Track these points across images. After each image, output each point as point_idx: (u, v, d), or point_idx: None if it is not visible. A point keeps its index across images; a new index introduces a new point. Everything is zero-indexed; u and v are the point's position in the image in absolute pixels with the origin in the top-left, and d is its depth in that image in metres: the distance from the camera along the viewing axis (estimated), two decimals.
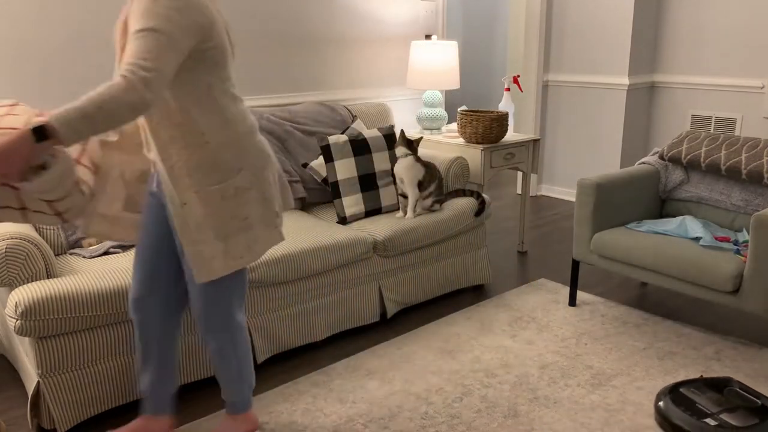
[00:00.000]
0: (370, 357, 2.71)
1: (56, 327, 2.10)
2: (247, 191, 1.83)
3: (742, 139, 3.04)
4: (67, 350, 2.16)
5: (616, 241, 2.92)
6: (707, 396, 2.23)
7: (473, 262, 3.34)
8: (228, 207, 1.81)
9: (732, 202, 3.03)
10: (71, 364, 2.18)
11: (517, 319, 3.05)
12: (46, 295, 2.08)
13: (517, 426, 2.25)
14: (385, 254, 2.93)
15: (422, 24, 4.24)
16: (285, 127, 3.30)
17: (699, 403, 2.20)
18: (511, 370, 2.60)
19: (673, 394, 2.26)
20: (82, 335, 2.19)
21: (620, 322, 3.01)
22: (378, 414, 2.32)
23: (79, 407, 2.21)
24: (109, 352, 2.25)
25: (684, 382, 2.32)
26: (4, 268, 2.10)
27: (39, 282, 2.15)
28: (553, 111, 5.18)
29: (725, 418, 2.11)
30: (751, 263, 2.53)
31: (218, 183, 1.79)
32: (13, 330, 2.06)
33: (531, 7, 5.00)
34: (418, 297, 3.14)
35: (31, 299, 2.05)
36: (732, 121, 4.52)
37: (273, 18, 3.52)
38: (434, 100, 3.91)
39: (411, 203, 3.07)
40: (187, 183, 1.78)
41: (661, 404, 2.24)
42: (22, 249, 2.13)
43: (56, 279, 2.18)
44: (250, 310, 2.55)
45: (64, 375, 2.17)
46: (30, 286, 2.12)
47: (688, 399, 2.22)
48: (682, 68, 4.74)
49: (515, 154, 3.72)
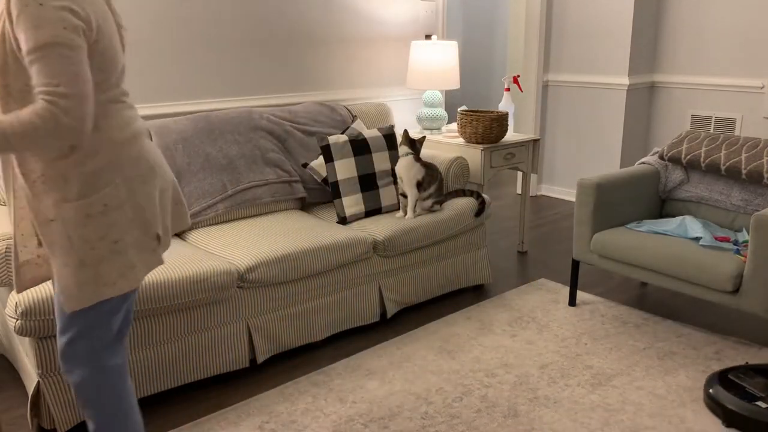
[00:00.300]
0: (370, 357, 2.71)
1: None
2: (118, 209, 1.58)
3: (742, 139, 3.04)
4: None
5: (616, 241, 2.92)
6: (755, 381, 2.32)
7: (473, 262, 3.34)
8: (95, 226, 1.56)
9: (732, 202, 3.03)
10: None
11: (517, 319, 3.05)
12: (46, 295, 2.07)
13: (517, 426, 2.25)
14: (385, 254, 2.93)
15: (422, 24, 4.24)
16: (285, 127, 3.30)
17: (748, 387, 2.29)
18: (511, 370, 2.60)
19: (722, 380, 2.34)
20: None
21: (620, 322, 3.01)
22: (378, 414, 2.32)
23: (79, 407, 2.21)
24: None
25: (730, 368, 2.41)
26: (3, 269, 2.10)
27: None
28: (553, 111, 5.18)
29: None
30: (751, 263, 2.53)
31: (82, 198, 1.54)
32: (13, 330, 2.06)
33: (531, 7, 5.00)
34: (418, 297, 3.14)
35: (31, 299, 2.05)
36: (732, 121, 4.52)
37: (273, 18, 3.52)
38: (434, 100, 3.91)
39: (411, 203, 3.07)
40: (49, 197, 1.54)
41: (711, 391, 2.32)
42: None
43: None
44: (249, 311, 2.56)
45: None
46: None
47: (737, 384, 2.31)
48: (682, 68, 4.74)
49: (515, 154, 3.72)
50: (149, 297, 2.24)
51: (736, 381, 2.33)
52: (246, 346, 2.56)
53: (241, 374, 2.61)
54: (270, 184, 3.12)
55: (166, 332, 2.36)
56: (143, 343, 2.31)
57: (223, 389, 2.50)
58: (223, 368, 2.51)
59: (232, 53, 3.41)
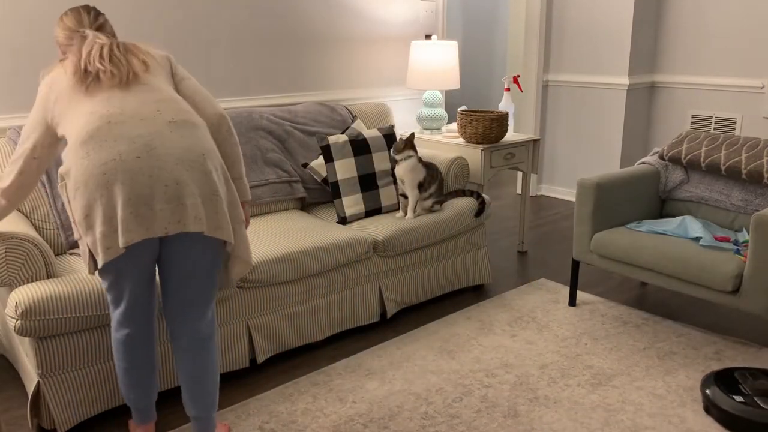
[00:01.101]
0: (370, 357, 2.71)
1: (56, 327, 2.10)
2: (74, 200, 1.80)
3: (742, 139, 3.04)
4: (67, 350, 2.16)
5: (616, 241, 2.92)
6: (757, 382, 2.33)
7: (473, 262, 3.34)
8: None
9: (732, 202, 3.03)
10: (71, 364, 2.18)
11: (517, 319, 3.05)
12: (46, 295, 2.07)
13: (517, 426, 2.25)
14: (385, 254, 2.93)
15: (422, 24, 4.24)
16: (285, 127, 3.30)
17: (742, 385, 2.31)
18: (511, 370, 2.60)
19: (721, 376, 2.37)
20: (82, 335, 2.18)
21: (620, 322, 3.01)
22: (378, 414, 2.32)
23: (79, 407, 2.21)
24: (109, 352, 2.25)
25: (741, 368, 2.44)
26: (4, 268, 2.10)
27: (39, 282, 2.14)
28: (553, 111, 5.18)
29: (757, 400, 2.23)
30: (751, 263, 2.53)
31: (61, 181, 1.85)
32: (13, 330, 2.06)
33: (531, 7, 5.00)
34: (418, 297, 3.14)
35: (31, 299, 2.05)
36: (732, 121, 4.52)
37: (273, 18, 3.52)
38: (434, 100, 3.91)
39: (411, 204, 3.07)
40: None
41: (708, 392, 2.34)
42: (22, 249, 2.12)
43: (56, 279, 2.18)
44: (249, 311, 2.56)
45: (65, 375, 2.17)
46: (30, 286, 2.11)
47: (735, 381, 2.34)
48: (682, 68, 4.74)
49: (515, 154, 3.72)
50: None
51: (737, 378, 2.34)
52: (246, 346, 2.56)
53: (241, 374, 2.61)
54: (270, 184, 3.12)
55: (162, 333, 2.35)
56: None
57: (223, 389, 2.50)
58: (224, 368, 2.51)
59: (232, 53, 3.41)
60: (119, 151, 1.77)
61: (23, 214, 2.52)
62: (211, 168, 1.88)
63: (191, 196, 1.82)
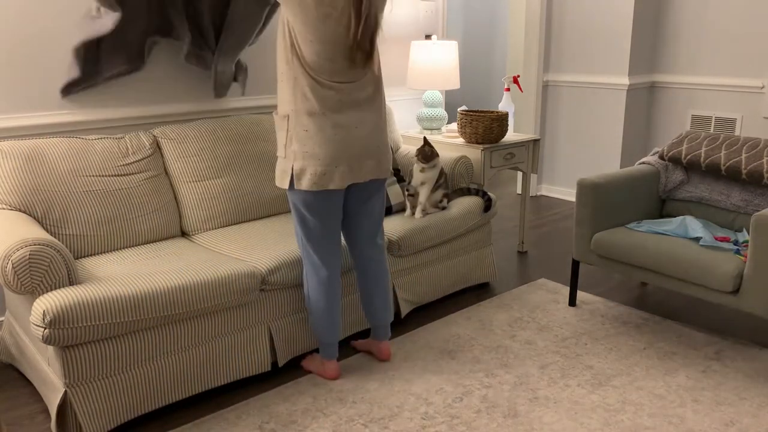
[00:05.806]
0: (370, 357, 2.71)
1: (85, 335, 2.03)
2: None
3: (742, 139, 3.04)
4: (95, 358, 2.09)
5: (616, 241, 2.92)
6: None
7: (481, 259, 3.35)
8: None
9: (732, 202, 3.03)
10: (100, 373, 2.12)
11: (517, 319, 3.05)
12: (74, 302, 2.00)
13: (517, 426, 2.25)
14: (399, 254, 2.92)
15: (422, 24, 4.24)
16: None
17: None
18: (511, 370, 2.60)
19: None
20: (110, 342, 2.12)
21: (620, 322, 3.01)
22: (378, 414, 2.32)
23: (107, 416, 2.14)
24: (138, 359, 2.19)
25: None
26: (27, 276, 2.00)
27: (65, 289, 2.06)
28: (553, 111, 5.18)
29: None
30: (751, 263, 2.53)
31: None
32: (41, 339, 1.97)
33: (531, 7, 5.00)
34: (430, 296, 3.13)
35: (59, 307, 1.97)
36: (732, 121, 4.52)
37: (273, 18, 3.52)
38: (434, 100, 3.91)
39: (422, 202, 3.07)
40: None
41: None
42: (45, 255, 2.04)
43: (81, 285, 2.10)
44: (272, 313, 2.52)
45: (93, 384, 2.11)
46: (56, 293, 2.03)
47: None
48: (682, 68, 4.74)
49: (515, 154, 3.72)
50: (174, 302, 2.18)
51: None
52: (267, 349, 2.52)
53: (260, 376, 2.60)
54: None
55: (188, 338, 2.30)
56: (166, 349, 2.26)
57: (223, 389, 2.50)
58: (246, 372, 2.48)
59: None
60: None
61: (35, 218, 2.43)
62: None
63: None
